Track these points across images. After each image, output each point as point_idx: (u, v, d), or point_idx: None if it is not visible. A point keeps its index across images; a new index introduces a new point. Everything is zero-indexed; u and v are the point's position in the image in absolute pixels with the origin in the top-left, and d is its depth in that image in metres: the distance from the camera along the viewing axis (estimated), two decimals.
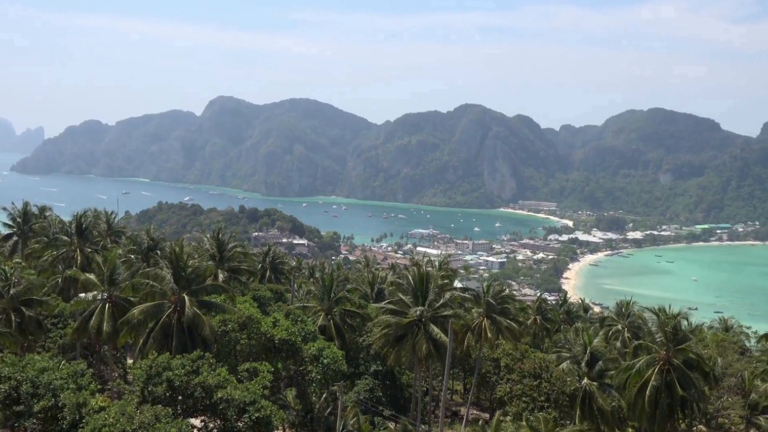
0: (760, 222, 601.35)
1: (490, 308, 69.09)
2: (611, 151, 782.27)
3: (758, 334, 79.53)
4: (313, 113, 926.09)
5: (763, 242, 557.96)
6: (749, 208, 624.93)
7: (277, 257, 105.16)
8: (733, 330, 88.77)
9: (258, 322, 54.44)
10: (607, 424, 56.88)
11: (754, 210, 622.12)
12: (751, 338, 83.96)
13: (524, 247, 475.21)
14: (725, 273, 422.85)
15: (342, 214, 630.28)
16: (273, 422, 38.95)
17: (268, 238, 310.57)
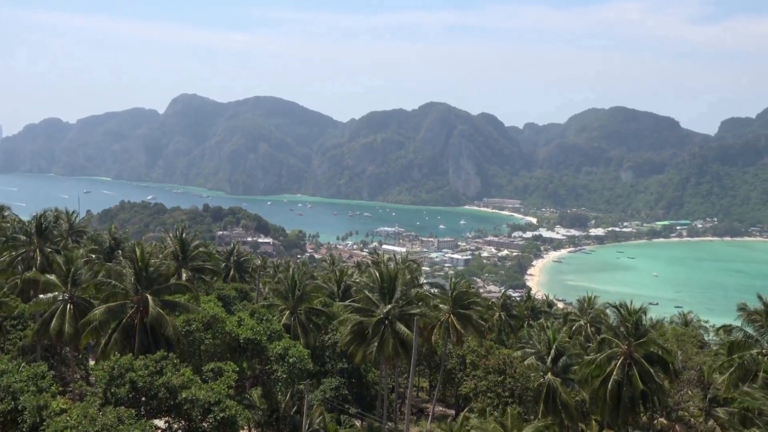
0: (718, 218, 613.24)
1: (456, 305, 69.42)
2: (574, 149, 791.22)
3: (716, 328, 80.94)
4: (278, 111, 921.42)
5: (722, 238, 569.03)
6: (708, 205, 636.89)
7: (242, 256, 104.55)
8: (693, 324, 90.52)
9: (223, 322, 54.06)
10: (571, 418, 57.56)
11: (713, 207, 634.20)
12: (710, 332, 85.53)
13: (489, 245, 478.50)
14: (685, 269, 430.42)
15: (307, 213, 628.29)
16: (238, 422, 38.71)
17: (233, 237, 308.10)
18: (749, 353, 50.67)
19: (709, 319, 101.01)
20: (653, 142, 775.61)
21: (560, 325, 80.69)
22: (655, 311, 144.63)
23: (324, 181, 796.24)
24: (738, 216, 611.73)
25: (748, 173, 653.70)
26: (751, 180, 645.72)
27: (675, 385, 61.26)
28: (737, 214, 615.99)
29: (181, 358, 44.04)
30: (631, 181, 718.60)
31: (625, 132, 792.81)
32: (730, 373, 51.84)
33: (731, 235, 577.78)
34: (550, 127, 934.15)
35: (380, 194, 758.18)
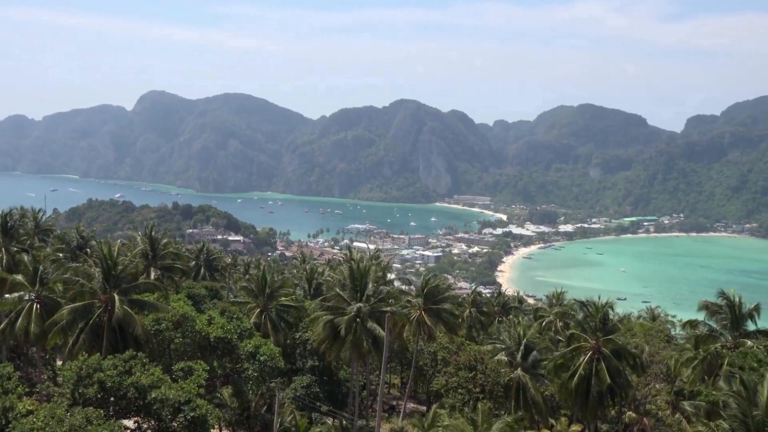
0: (684, 214, 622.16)
1: (428, 301, 69.69)
2: (543, 145, 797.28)
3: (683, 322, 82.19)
4: (248, 108, 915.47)
5: (688, 234, 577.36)
6: (674, 201, 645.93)
7: (212, 254, 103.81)
8: (660, 319, 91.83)
9: (192, 320, 53.71)
10: (541, 413, 58.15)
11: (679, 203, 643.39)
12: (677, 326, 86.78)
13: (459, 241, 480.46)
14: (652, 264, 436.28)
15: (278, 210, 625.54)
16: (209, 421, 38.53)
17: (203, 235, 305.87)
18: (714, 347, 51.69)
19: (675, 313, 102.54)
20: (621, 139, 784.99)
21: (530, 321, 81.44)
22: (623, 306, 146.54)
23: (295, 178, 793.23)
24: (703, 212, 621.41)
25: (713, 170, 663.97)
26: (716, 176, 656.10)
27: (643, 379, 62.14)
28: (703, 210, 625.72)
29: (150, 357, 43.70)
30: (599, 177, 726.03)
31: (594, 129, 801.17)
32: (694, 367, 52.84)
33: (697, 230, 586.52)
34: (519, 124, 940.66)
35: (351, 191, 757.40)
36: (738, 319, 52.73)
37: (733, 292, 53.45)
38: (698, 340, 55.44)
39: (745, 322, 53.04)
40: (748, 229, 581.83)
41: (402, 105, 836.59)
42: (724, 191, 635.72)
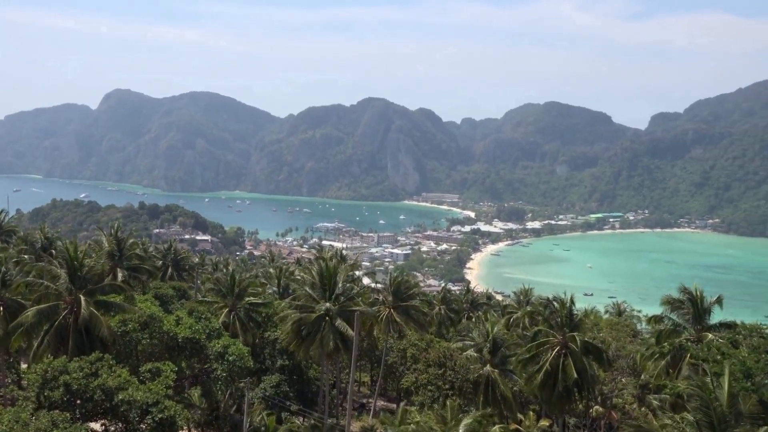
0: (649, 210, 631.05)
1: (397, 299, 69.90)
2: (510, 143, 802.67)
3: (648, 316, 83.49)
4: (215, 107, 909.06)
5: (652, 230, 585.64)
6: (639, 198, 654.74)
7: (180, 254, 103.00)
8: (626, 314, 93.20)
9: (160, 321, 53.21)
10: (510, 408, 58.72)
11: (644, 199, 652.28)
12: (642, 321, 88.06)
13: (428, 239, 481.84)
14: (618, 260, 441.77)
15: (246, 209, 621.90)
16: (177, 422, 38.28)
17: (170, 235, 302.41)
18: (678, 340, 52.53)
19: (641, 308, 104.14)
20: (587, 136, 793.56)
21: (498, 318, 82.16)
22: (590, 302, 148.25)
23: (263, 177, 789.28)
24: (668, 208, 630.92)
25: (676, 166, 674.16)
26: (680, 173, 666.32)
27: (609, 373, 62.98)
28: (667, 206, 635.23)
29: (117, 359, 43.29)
30: (565, 174, 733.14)
31: (560, 127, 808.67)
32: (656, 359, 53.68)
33: (661, 226, 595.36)
34: (486, 122, 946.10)
35: (320, 190, 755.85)
36: (700, 313, 53.62)
37: (696, 287, 54.39)
38: (661, 334, 56.28)
39: (707, 315, 53.99)
40: (711, 224, 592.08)
41: (370, 103, 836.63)
42: (688, 187, 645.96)
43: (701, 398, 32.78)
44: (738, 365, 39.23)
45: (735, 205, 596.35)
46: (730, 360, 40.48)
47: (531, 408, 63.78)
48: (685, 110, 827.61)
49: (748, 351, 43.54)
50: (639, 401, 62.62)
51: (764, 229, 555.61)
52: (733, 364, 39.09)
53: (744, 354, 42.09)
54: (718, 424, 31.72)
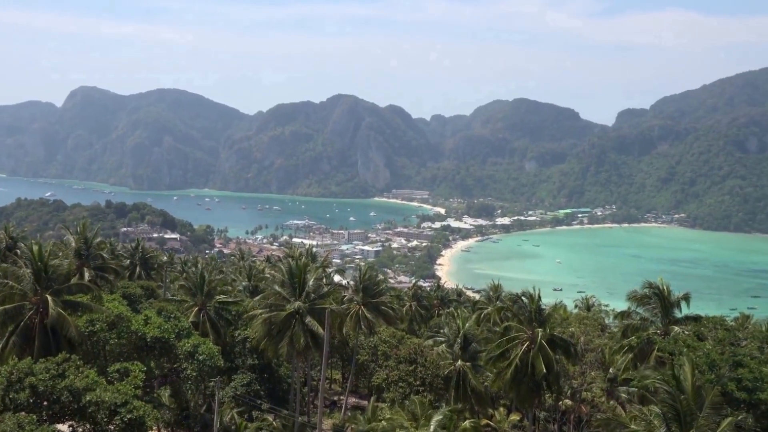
0: (616, 206, 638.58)
1: (367, 296, 69.94)
2: (480, 140, 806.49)
3: (616, 311, 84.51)
4: (183, 104, 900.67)
5: (620, 225, 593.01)
6: (607, 193, 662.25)
7: (148, 252, 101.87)
8: (594, 308, 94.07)
9: (128, 321, 52.59)
10: (481, 403, 59.09)
11: (611, 194, 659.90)
12: (610, 315, 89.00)
13: (399, 235, 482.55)
14: (586, 255, 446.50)
15: (215, 207, 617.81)
16: (147, 423, 37.91)
17: (138, 234, 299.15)
18: (645, 334, 53.30)
19: (609, 302, 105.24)
20: (555, 132, 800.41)
21: (469, 313, 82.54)
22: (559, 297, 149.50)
23: (232, 174, 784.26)
24: (634, 203, 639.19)
25: (643, 162, 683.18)
26: (646, 168, 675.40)
27: (578, 367, 63.65)
28: (634, 201, 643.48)
29: (84, 359, 42.73)
30: (534, 170, 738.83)
31: (528, 123, 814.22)
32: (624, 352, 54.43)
33: (629, 221, 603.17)
34: (456, 119, 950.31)
35: (289, 187, 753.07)
36: (667, 307, 54.47)
37: (662, 281, 55.20)
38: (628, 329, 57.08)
39: (673, 309, 54.84)
40: (677, 219, 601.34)
41: (339, 100, 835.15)
42: (654, 183, 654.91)
43: (668, 391, 33.32)
44: (703, 358, 39.93)
45: (700, 200, 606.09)
46: (694, 353, 41.17)
47: (502, 403, 64.27)
48: (651, 106, 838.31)
49: (713, 343, 44.33)
50: (608, 394, 63.39)
51: (728, 223, 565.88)
52: (698, 357, 39.79)
53: (708, 347, 42.85)
54: (684, 416, 32.26)
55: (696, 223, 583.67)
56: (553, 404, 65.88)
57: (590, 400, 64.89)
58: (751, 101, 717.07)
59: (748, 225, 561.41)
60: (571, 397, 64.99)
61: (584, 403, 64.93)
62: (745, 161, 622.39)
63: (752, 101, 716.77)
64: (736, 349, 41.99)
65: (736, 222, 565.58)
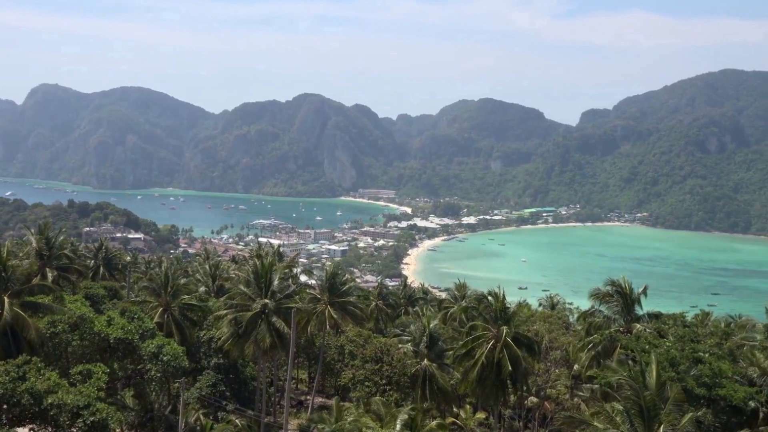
0: (580, 205, 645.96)
1: (333, 295, 69.85)
2: (446, 139, 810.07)
3: (580, 310, 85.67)
4: (147, 102, 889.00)
5: (584, 224, 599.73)
6: (571, 192, 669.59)
7: (111, 252, 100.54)
8: (558, 307, 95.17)
9: (91, 322, 51.90)
10: (447, 401, 59.43)
11: (575, 194, 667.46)
12: (574, 313, 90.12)
13: (365, 235, 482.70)
14: (551, 253, 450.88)
15: (180, 207, 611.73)
16: (110, 425, 37.49)
17: (101, 233, 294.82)
18: (608, 331, 54.07)
19: (573, 301, 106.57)
20: (520, 132, 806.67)
21: (435, 312, 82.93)
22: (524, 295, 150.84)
23: (197, 173, 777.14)
24: (598, 202, 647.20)
25: (606, 162, 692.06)
26: (609, 168, 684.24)
27: (543, 365, 64.39)
28: (597, 200, 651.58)
29: (46, 361, 42.12)
30: (500, 170, 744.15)
31: (494, 123, 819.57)
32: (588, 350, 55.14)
33: (592, 220, 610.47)
34: (422, 118, 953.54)
35: (255, 186, 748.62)
36: (629, 304, 55.29)
37: (624, 279, 56.01)
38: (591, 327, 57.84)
39: (635, 307, 55.70)
40: (639, 218, 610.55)
41: (306, 99, 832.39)
42: (617, 182, 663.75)
43: (631, 387, 33.86)
44: (664, 355, 40.60)
45: (662, 200, 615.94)
46: (656, 350, 41.85)
47: (468, 401, 64.69)
48: (614, 107, 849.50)
49: (674, 340, 45.09)
50: (571, 391, 64.29)
51: (689, 222, 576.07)
52: (660, 354, 40.46)
53: (669, 344, 43.57)
54: (647, 412, 32.81)
55: (658, 222, 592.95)
56: (518, 402, 66.57)
57: (555, 397, 65.76)
58: (711, 102, 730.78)
59: (707, 224, 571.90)
60: (536, 394, 65.76)
61: (549, 400, 65.76)
62: (705, 161, 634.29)
63: (712, 102, 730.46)
64: (696, 345, 42.77)
65: (696, 221, 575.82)
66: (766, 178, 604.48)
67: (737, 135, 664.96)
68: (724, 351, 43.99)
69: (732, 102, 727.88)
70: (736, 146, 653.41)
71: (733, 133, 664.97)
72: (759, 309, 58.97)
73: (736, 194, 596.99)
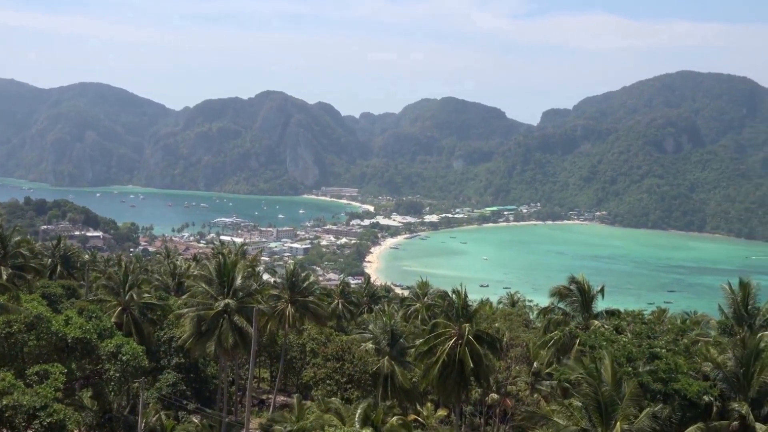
0: (541, 203, 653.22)
1: (294, 293, 69.63)
2: (408, 138, 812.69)
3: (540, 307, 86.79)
4: (106, 98, 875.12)
5: (544, 222, 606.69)
6: (532, 191, 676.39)
7: (69, 251, 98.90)
8: (519, 304, 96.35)
9: (48, 321, 51.00)
10: (409, 399, 59.71)
11: (536, 192, 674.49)
12: (534, 311, 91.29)
13: (328, 233, 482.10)
14: (512, 251, 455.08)
15: (140, 204, 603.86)
16: (67, 426, 36.99)
17: (59, 231, 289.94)
18: (567, 328, 54.82)
19: (533, 298, 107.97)
20: (482, 131, 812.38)
21: (397, 310, 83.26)
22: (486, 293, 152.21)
23: (157, 171, 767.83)
24: (558, 201, 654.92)
25: (566, 161, 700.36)
26: (569, 167, 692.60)
27: (503, 362, 65.04)
28: (557, 199, 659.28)
29: (1, 362, 41.37)
30: (462, 169, 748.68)
31: (456, 122, 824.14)
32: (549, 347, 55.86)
33: (552, 219, 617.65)
34: (385, 117, 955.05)
35: (217, 184, 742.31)
36: (588, 301, 56.12)
37: (583, 277, 56.85)
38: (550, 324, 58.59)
39: (593, 304, 56.56)
40: (598, 216, 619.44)
41: (268, 96, 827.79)
42: (577, 181, 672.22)
43: (589, 383, 34.43)
44: (621, 351, 41.33)
45: (620, 198, 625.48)
46: (613, 346, 42.58)
47: (429, 398, 65.06)
48: (574, 107, 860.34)
49: (631, 337, 45.90)
50: (532, 388, 65.06)
51: (646, 221, 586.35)
52: (616, 350, 41.19)
53: (626, 340, 44.37)
54: (605, 408, 33.41)
55: (616, 220, 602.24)
56: (479, 399, 67.16)
57: (515, 393, 66.47)
58: (668, 103, 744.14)
59: (664, 222, 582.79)
60: (497, 391, 66.39)
61: (509, 396, 66.43)
62: (662, 161, 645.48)
63: (669, 103, 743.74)
64: (653, 342, 43.60)
65: (653, 219, 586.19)
66: (720, 177, 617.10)
67: (693, 135, 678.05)
68: (680, 347, 44.85)
69: (688, 103, 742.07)
70: (692, 146, 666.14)
71: (689, 134, 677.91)
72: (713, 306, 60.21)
73: (691, 193, 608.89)
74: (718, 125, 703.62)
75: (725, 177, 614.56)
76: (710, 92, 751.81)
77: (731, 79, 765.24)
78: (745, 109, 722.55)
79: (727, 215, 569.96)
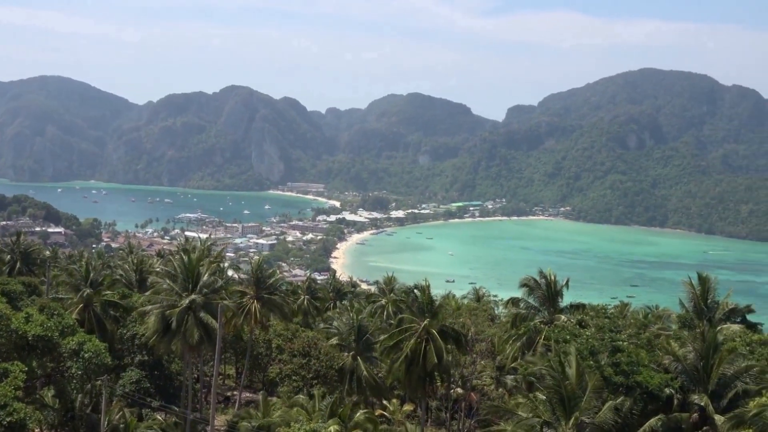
0: (506, 199, 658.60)
1: (260, 290, 69.28)
2: (375, 133, 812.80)
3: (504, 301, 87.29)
4: (68, 92, 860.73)
5: (509, 218, 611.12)
6: (497, 187, 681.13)
7: (30, 247, 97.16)
8: (484, 299, 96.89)
9: (8, 319, 50.16)
10: (375, 394, 59.88)
11: (501, 188, 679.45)
12: (499, 306, 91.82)
13: (294, 229, 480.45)
14: (477, 247, 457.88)
15: (102, 200, 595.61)
16: (28, 425, 36.46)
17: (19, 227, 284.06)
18: (532, 323, 55.37)
19: (498, 293, 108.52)
20: (448, 127, 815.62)
21: (363, 306, 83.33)
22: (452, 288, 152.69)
23: (120, 166, 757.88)
24: (523, 197, 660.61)
25: (531, 157, 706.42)
26: (534, 163, 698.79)
27: (469, 356, 65.45)
28: (522, 195, 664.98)
29: None
30: (428, 164, 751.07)
31: (422, 118, 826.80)
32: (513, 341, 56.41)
33: (518, 214, 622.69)
34: (351, 112, 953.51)
35: (181, 180, 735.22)
36: (553, 296, 56.73)
37: (550, 272, 57.45)
38: (516, 318, 59.12)
39: (558, 298, 57.19)
40: (563, 212, 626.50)
41: (233, 91, 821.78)
42: (542, 177, 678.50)
43: (552, 377, 34.86)
44: (584, 344, 41.85)
45: (584, 194, 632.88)
46: (577, 340, 43.09)
47: (395, 394, 65.28)
48: (539, 103, 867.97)
49: (595, 331, 46.49)
50: (497, 382, 65.62)
51: (610, 216, 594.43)
52: (580, 344, 41.71)
53: (589, 334, 44.93)
54: (568, 401, 33.86)
55: (580, 216, 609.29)
56: (444, 393, 67.52)
57: (480, 388, 66.97)
58: (631, 100, 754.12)
59: (627, 218, 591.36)
60: (462, 385, 66.82)
61: (474, 391, 66.91)
62: (625, 157, 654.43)
63: (632, 100, 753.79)
64: (615, 335, 44.20)
65: (616, 215, 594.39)
66: (682, 173, 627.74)
67: (655, 132, 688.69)
68: (642, 341, 45.54)
69: (650, 100, 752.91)
70: (654, 143, 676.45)
71: (651, 130, 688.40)
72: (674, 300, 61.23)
73: (654, 189, 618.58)
74: (680, 122, 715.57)
75: (686, 173, 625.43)
76: (672, 89, 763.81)
77: (692, 77, 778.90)
78: (706, 106, 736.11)
79: (688, 211, 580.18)
